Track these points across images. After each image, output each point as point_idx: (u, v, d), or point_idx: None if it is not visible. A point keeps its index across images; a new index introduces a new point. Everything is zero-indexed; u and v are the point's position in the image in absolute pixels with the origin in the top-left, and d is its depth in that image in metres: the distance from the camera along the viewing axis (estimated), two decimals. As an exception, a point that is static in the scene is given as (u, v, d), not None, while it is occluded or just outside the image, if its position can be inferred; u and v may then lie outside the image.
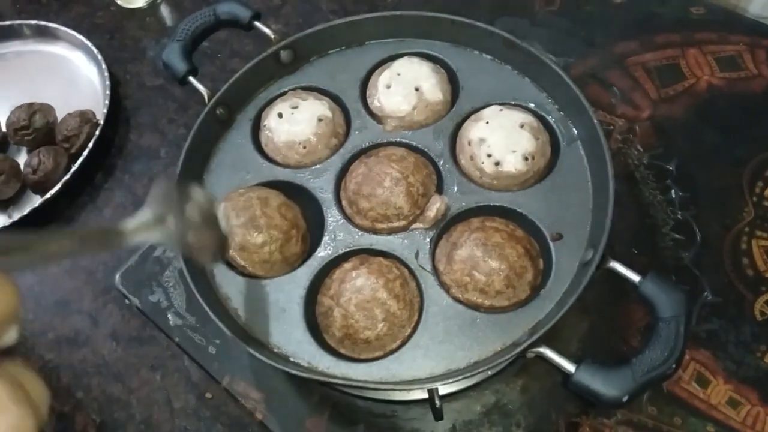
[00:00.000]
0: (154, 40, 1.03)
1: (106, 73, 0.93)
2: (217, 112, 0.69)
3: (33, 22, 1.03)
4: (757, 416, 0.63)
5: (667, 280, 0.54)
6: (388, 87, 0.69)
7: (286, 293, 0.61)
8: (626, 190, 0.76)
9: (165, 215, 0.37)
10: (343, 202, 0.66)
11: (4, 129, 0.93)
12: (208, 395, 0.71)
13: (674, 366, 0.49)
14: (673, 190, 0.75)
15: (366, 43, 0.74)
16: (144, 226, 0.35)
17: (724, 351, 0.66)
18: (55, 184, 0.83)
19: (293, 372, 0.55)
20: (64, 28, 1.00)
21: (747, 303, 0.69)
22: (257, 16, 0.71)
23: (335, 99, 0.72)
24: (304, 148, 0.68)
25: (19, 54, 1.04)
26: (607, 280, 0.57)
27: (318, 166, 0.67)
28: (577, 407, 0.65)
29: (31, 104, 0.91)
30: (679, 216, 0.74)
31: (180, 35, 0.70)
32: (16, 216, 0.82)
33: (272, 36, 0.71)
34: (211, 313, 0.56)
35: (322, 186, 0.66)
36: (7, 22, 1.04)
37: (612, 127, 0.80)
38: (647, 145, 0.79)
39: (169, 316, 0.74)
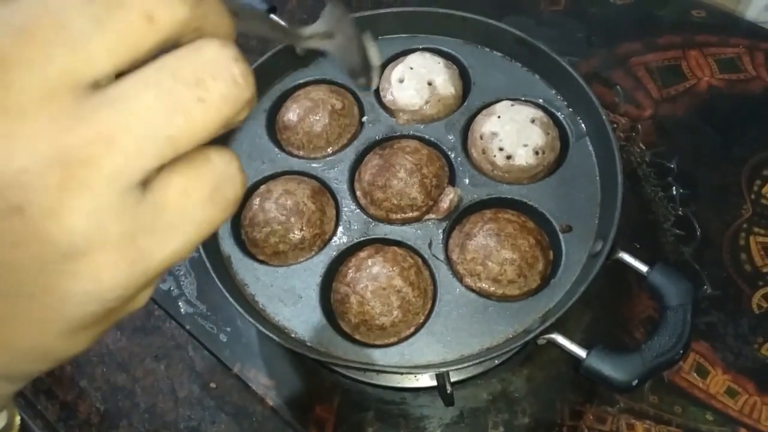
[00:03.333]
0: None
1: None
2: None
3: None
4: (754, 405, 0.65)
5: (674, 270, 0.56)
6: (401, 81, 0.70)
7: (303, 280, 0.62)
8: (628, 187, 0.77)
9: (334, 32, 0.41)
10: (358, 193, 0.67)
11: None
12: (213, 385, 0.71)
13: (682, 352, 0.51)
14: (674, 188, 0.78)
15: (379, 38, 0.75)
16: (316, 35, 0.39)
17: (723, 343, 0.68)
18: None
19: (311, 356, 0.56)
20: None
21: (745, 297, 0.71)
22: (273, 9, 0.72)
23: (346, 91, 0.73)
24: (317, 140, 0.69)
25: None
26: (609, 274, 0.58)
27: (332, 157, 0.68)
28: (581, 395, 0.67)
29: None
30: (680, 212, 0.76)
31: (197, 26, 0.70)
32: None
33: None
34: (229, 297, 0.57)
35: (336, 177, 0.67)
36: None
37: (615, 126, 0.82)
38: (649, 144, 0.81)
39: (180, 304, 0.75)
